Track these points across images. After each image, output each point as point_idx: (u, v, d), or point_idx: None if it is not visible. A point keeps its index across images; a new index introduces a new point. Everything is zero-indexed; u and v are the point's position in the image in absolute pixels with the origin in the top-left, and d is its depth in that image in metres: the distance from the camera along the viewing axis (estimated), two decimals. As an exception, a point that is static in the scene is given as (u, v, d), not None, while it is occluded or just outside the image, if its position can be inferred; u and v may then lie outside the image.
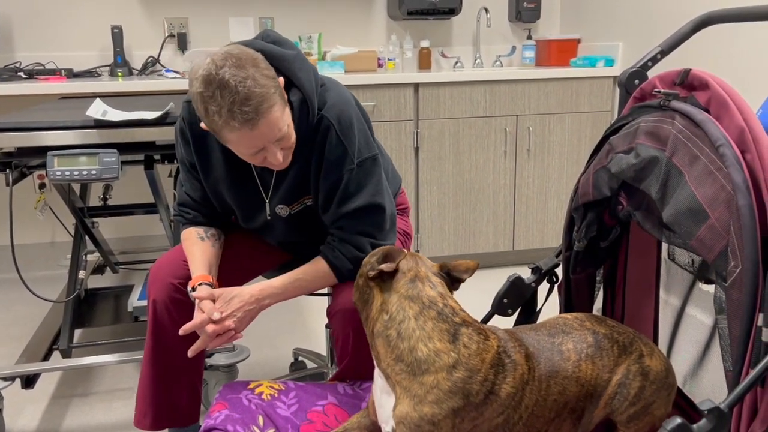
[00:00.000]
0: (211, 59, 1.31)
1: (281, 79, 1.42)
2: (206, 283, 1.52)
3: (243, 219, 1.67)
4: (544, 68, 3.39)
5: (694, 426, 0.99)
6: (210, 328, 1.43)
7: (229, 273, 1.65)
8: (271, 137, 1.36)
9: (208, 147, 1.57)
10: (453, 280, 1.29)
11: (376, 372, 1.26)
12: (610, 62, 3.32)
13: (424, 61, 3.58)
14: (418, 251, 3.28)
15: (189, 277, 1.58)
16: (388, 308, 1.19)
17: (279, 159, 1.41)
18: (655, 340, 1.58)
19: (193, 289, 1.51)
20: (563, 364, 1.24)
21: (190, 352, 1.46)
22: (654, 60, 1.46)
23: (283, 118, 1.37)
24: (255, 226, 1.68)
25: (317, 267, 1.54)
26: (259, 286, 1.51)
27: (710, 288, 1.44)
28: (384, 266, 1.22)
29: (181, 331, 1.45)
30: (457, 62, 3.68)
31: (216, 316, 1.44)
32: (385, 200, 1.55)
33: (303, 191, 1.58)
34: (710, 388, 1.48)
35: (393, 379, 1.18)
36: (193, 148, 1.58)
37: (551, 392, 1.21)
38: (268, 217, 1.62)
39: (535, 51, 3.68)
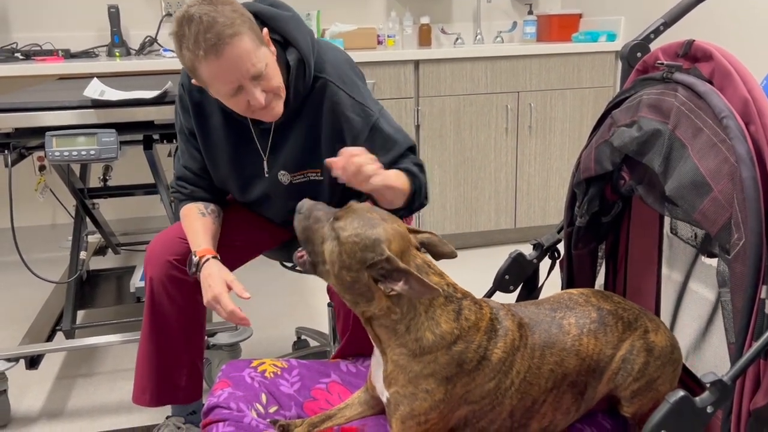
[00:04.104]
0: (187, 2, 1.36)
1: (266, 30, 1.43)
2: (213, 257, 1.52)
3: (241, 188, 1.66)
4: (545, 44, 3.36)
5: (697, 398, 0.99)
6: (227, 310, 1.43)
7: (228, 251, 1.65)
8: (243, 71, 1.36)
9: (207, 111, 1.57)
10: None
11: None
12: (612, 37, 3.28)
13: (424, 37, 3.54)
14: (419, 230, 3.28)
15: (185, 254, 1.58)
16: (398, 309, 1.14)
17: (260, 100, 1.40)
18: (657, 315, 1.58)
19: (199, 260, 1.51)
20: (562, 336, 1.24)
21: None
22: (657, 32, 1.44)
23: (256, 54, 1.36)
24: (253, 197, 1.67)
25: (404, 177, 1.46)
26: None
27: (713, 262, 1.43)
28: (404, 291, 1.11)
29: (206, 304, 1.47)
30: (457, 39, 3.65)
31: (246, 295, 1.45)
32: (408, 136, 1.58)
33: (309, 161, 1.57)
34: (713, 361, 1.49)
35: (389, 356, 1.18)
36: (192, 113, 1.58)
37: (546, 362, 1.21)
38: (266, 175, 1.61)
39: (536, 26, 3.64)
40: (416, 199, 1.49)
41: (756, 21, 2.48)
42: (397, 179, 1.41)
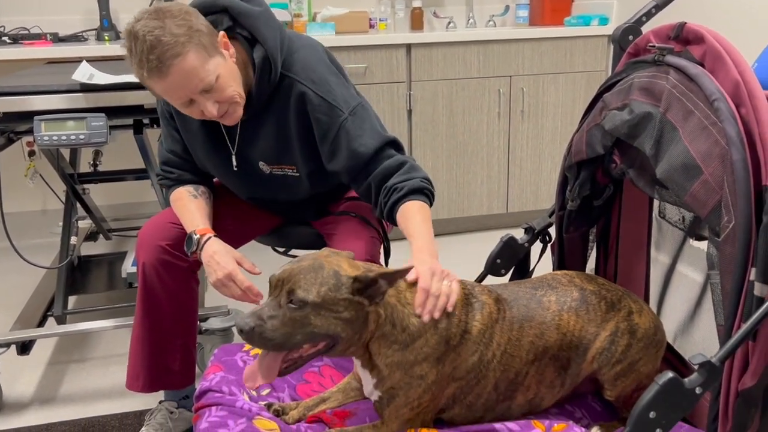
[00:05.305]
0: (138, 13, 1.34)
1: (222, 33, 1.41)
2: (214, 236, 1.53)
3: (221, 176, 1.67)
4: (537, 27, 3.35)
5: (686, 380, 0.99)
6: (243, 286, 1.48)
7: (220, 236, 1.65)
8: (191, 88, 1.35)
9: None
10: None
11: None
12: (604, 21, 3.27)
13: (416, 21, 3.52)
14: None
15: (177, 239, 1.58)
16: (382, 311, 1.16)
17: (212, 111, 1.39)
18: (647, 298, 1.59)
19: (200, 239, 1.52)
20: (541, 311, 1.27)
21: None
22: (649, 15, 1.44)
23: (204, 68, 1.35)
24: (235, 184, 1.68)
25: (413, 208, 1.42)
26: (419, 255, 1.31)
27: (701, 245, 1.44)
28: (387, 287, 1.13)
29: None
30: (449, 22, 3.63)
31: (257, 270, 1.51)
32: (390, 133, 1.54)
33: (283, 157, 1.56)
34: (701, 344, 1.50)
35: (380, 365, 1.18)
36: None
37: (525, 334, 1.24)
38: (235, 169, 1.61)
39: (528, 10, 3.63)
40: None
41: (747, 4, 2.47)
42: (428, 232, 1.36)
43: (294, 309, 1.08)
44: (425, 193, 1.45)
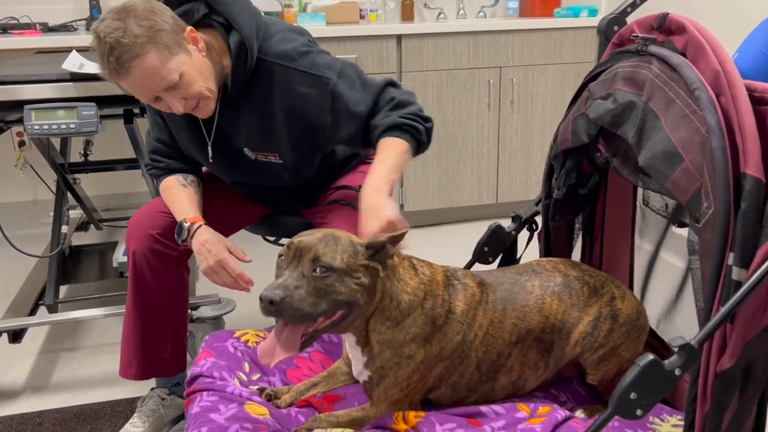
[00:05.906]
0: (105, 12, 1.36)
1: (190, 28, 1.41)
2: (204, 224, 1.54)
3: (207, 165, 1.69)
4: (527, 19, 3.36)
5: (666, 361, 1.02)
6: (234, 273, 1.50)
7: (210, 225, 1.66)
8: (153, 87, 1.37)
9: None
10: None
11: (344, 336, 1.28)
12: (593, 12, 3.29)
13: (407, 12, 3.53)
14: (402, 205, 3.30)
15: (167, 228, 1.59)
16: (387, 281, 1.20)
17: (178, 108, 1.41)
18: (631, 285, 1.62)
19: (190, 227, 1.53)
20: (524, 295, 1.30)
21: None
22: (633, 5, 1.46)
23: (166, 67, 1.36)
24: (221, 171, 1.69)
25: (392, 144, 1.42)
26: (376, 180, 1.35)
27: (683, 232, 1.47)
28: (393, 250, 1.18)
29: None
30: (440, 13, 3.64)
31: (247, 258, 1.54)
32: (379, 79, 1.53)
33: (266, 143, 1.57)
34: (683, 328, 1.53)
35: (373, 342, 1.21)
36: None
37: (508, 316, 1.27)
38: (210, 160, 1.63)
39: (518, 1, 3.64)
40: (422, 147, 1.48)
41: (734, -4, 2.50)
42: (389, 159, 1.38)
43: (319, 277, 1.08)
44: (403, 128, 1.42)
